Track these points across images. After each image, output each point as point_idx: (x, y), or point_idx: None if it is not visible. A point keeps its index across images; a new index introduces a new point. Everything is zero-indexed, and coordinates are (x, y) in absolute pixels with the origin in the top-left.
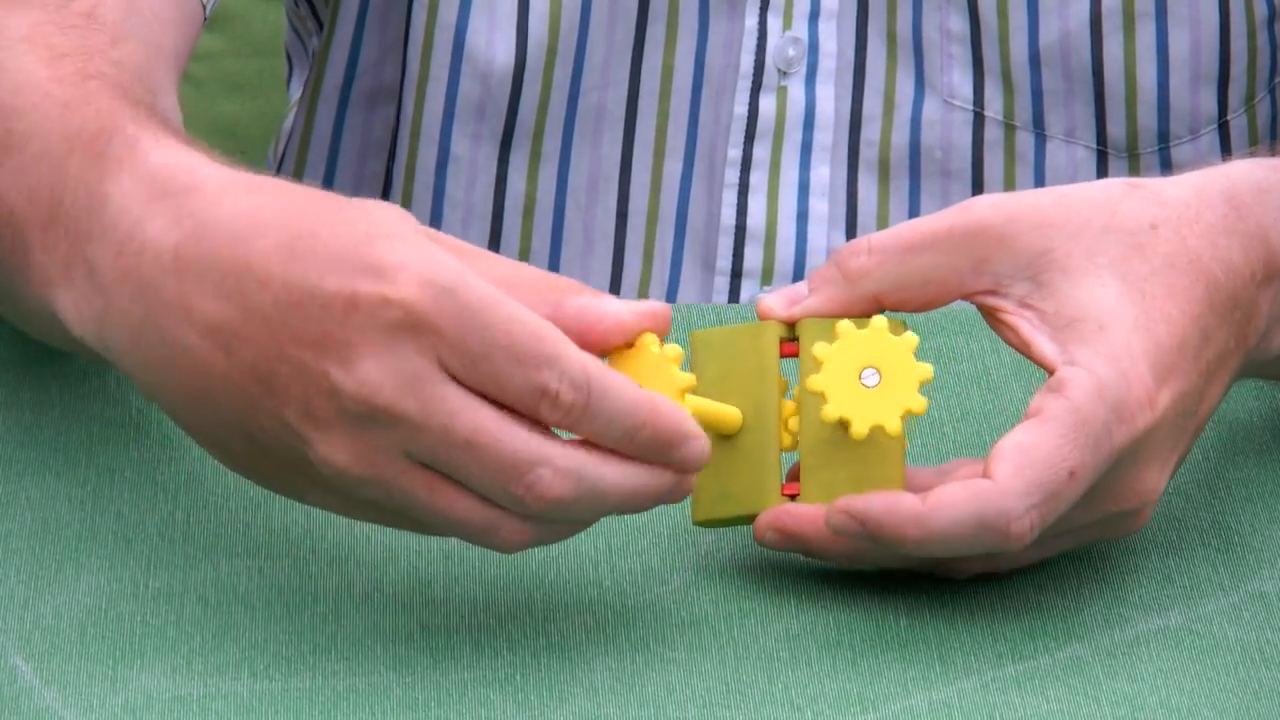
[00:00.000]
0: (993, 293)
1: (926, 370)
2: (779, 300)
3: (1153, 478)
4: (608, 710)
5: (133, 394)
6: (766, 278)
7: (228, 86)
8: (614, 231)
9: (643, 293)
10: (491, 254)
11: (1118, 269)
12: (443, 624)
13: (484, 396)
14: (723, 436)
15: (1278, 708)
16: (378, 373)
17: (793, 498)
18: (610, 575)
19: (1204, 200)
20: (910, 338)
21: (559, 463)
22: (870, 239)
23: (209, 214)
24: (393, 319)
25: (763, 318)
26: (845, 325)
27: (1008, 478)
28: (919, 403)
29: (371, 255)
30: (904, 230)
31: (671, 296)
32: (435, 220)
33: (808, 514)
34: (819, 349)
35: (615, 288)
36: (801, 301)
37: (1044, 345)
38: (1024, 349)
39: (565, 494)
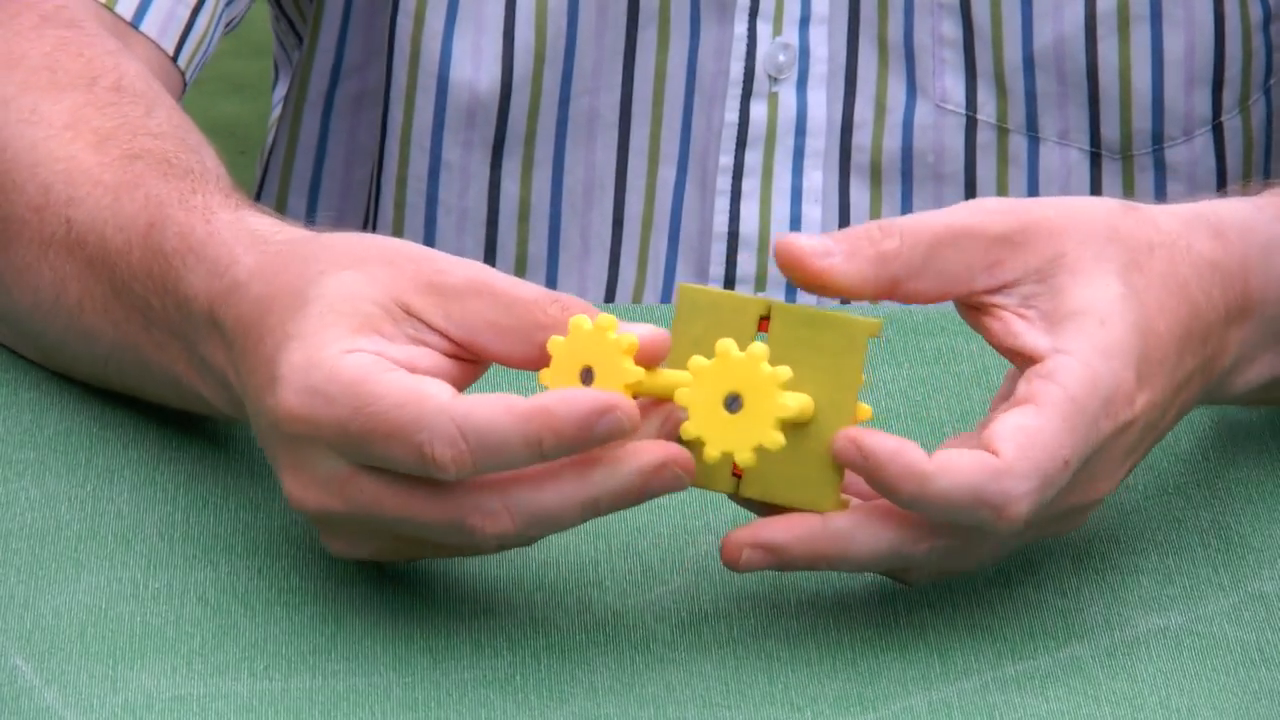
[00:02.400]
0: (998, 291)
1: (789, 409)
2: (810, 247)
3: (1113, 475)
4: (608, 710)
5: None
6: (760, 284)
7: (228, 86)
8: (610, 238)
9: (637, 300)
10: (486, 288)
11: (1122, 275)
12: (443, 624)
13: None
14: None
15: (1278, 708)
16: (298, 485)
17: (738, 478)
18: (610, 575)
19: (1193, 232)
20: (783, 371)
21: (486, 505)
22: (900, 225)
23: (240, 313)
24: (285, 433)
25: (789, 256)
26: (724, 345)
27: (1014, 459)
28: (774, 440)
29: (275, 362)
30: (928, 221)
31: (665, 303)
32: (429, 227)
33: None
34: (695, 362)
35: (610, 294)
36: (831, 258)
37: (1034, 337)
38: (1008, 339)
39: (506, 530)
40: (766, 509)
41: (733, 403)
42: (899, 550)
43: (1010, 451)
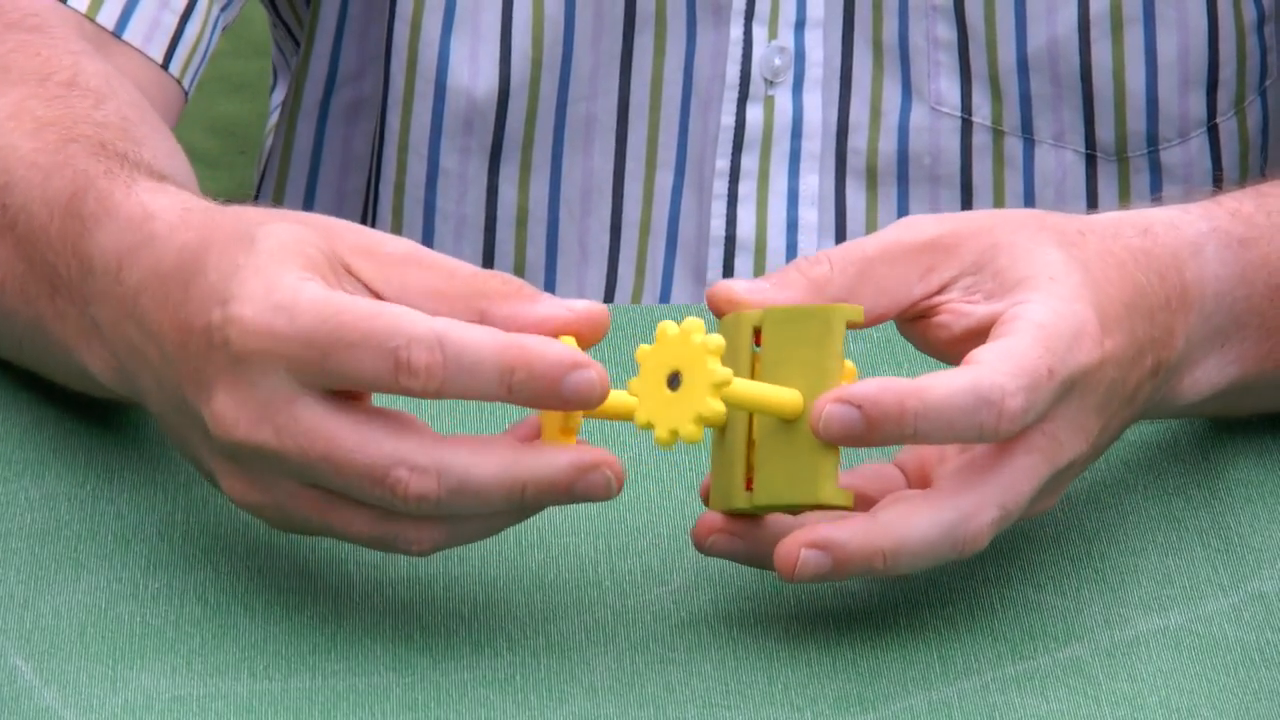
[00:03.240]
0: (938, 292)
1: (726, 374)
2: (741, 286)
3: (1090, 424)
4: (608, 710)
5: None
6: None
7: (228, 86)
8: (608, 243)
9: (635, 304)
10: (425, 259)
11: (1060, 246)
12: (443, 624)
13: (348, 398)
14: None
15: (1278, 708)
16: (231, 406)
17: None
18: (610, 575)
19: (1120, 227)
20: (713, 339)
21: (416, 459)
22: (828, 253)
23: (156, 263)
24: (235, 346)
25: (722, 298)
26: (663, 326)
27: (993, 361)
28: (711, 409)
29: (227, 287)
30: (856, 244)
31: (663, 305)
32: (428, 233)
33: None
34: (641, 351)
35: (609, 299)
36: (763, 292)
37: (989, 307)
38: (961, 325)
39: (429, 490)
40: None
41: (673, 380)
42: (950, 533)
43: (988, 357)
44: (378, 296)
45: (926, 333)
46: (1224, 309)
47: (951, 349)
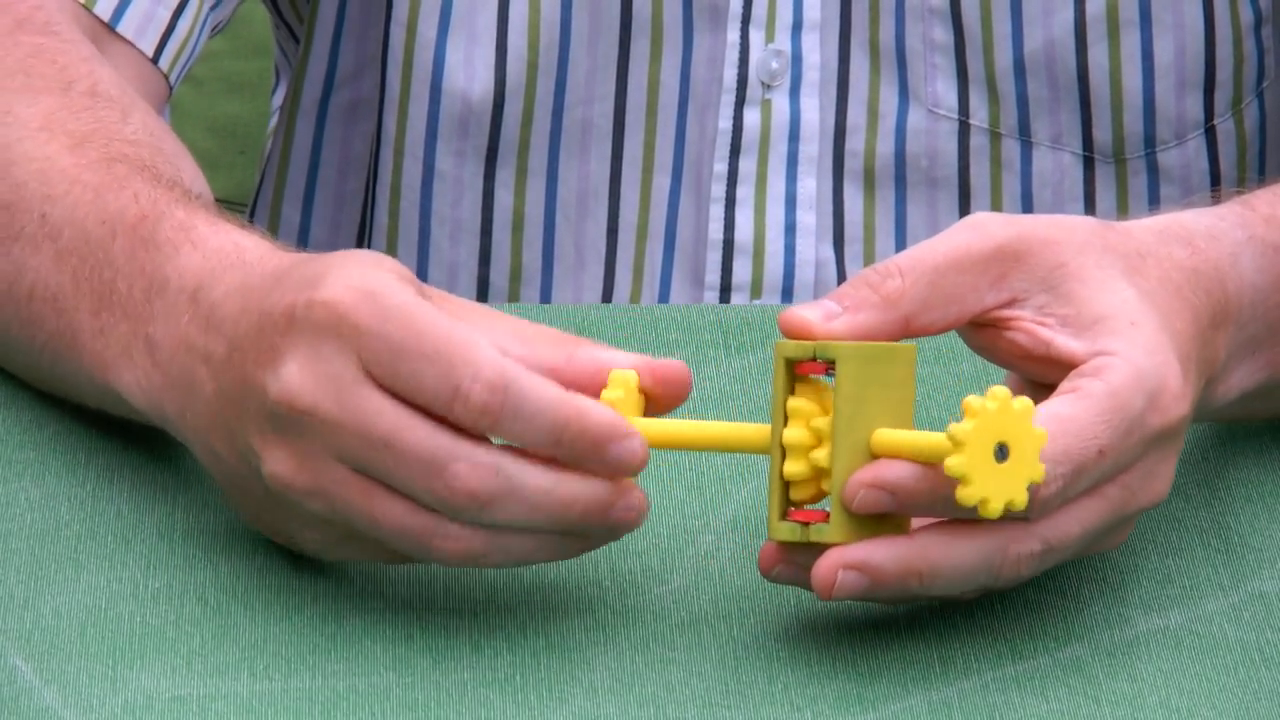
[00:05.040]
0: (1010, 305)
1: (1044, 435)
2: (816, 314)
3: (1168, 474)
4: (608, 710)
5: None
6: (756, 291)
7: (228, 86)
8: (605, 247)
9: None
10: (507, 316)
11: (1129, 279)
12: (443, 624)
13: (405, 401)
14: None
15: (1278, 708)
16: (299, 375)
17: (805, 524)
18: (610, 575)
19: (1167, 243)
20: (1028, 404)
21: (476, 457)
22: (898, 263)
23: (244, 280)
24: (318, 320)
25: (797, 330)
26: (974, 402)
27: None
28: (1039, 471)
29: (319, 277)
30: (926, 252)
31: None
32: (423, 236)
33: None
34: (955, 429)
35: (606, 303)
36: (839, 318)
37: (1068, 343)
38: (1040, 350)
39: (483, 488)
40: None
41: (1000, 452)
42: (988, 560)
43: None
44: None
45: (997, 343)
46: (1258, 317)
47: (1023, 366)
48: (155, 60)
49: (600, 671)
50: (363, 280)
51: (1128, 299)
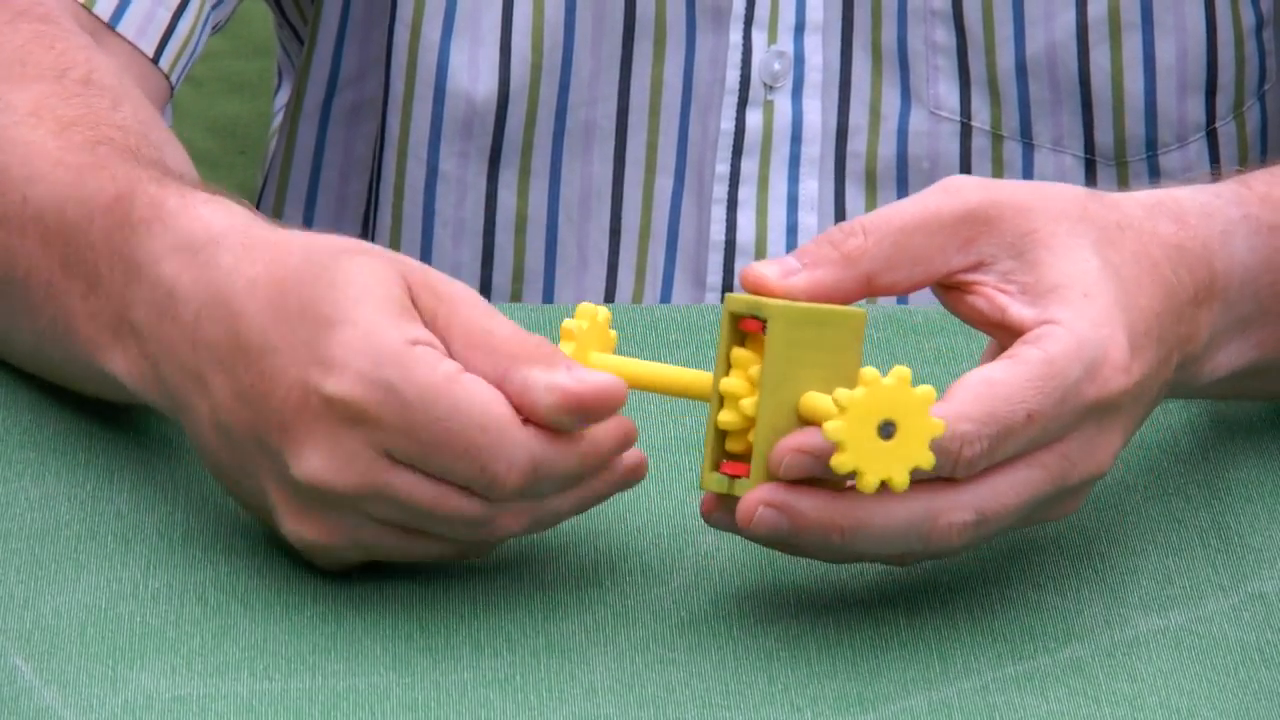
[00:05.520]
0: (975, 269)
1: (939, 426)
2: (773, 270)
3: (1110, 447)
4: (608, 710)
5: None
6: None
7: (228, 86)
8: (607, 248)
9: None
10: (473, 304)
11: (1097, 250)
12: (443, 624)
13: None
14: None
15: (1278, 708)
16: (325, 464)
17: (733, 478)
18: (610, 575)
19: (1156, 217)
20: (928, 391)
21: (516, 506)
22: (862, 221)
23: (222, 285)
24: (336, 414)
25: (753, 285)
26: (870, 373)
27: (966, 404)
28: (927, 459)
29: (324, 346)
30: (893, 212)
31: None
32: (426, 238)
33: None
34: (840, 395)
35: (609, 304)
36: (796, 274)
37: (1020, 310)
38: (995, 316)
39: (522, 527)
40: None
41: (885, 429)
42: (915, 526)
43: (963, 398)
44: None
45: (959, 306)
46: (1249, 296)
47: (983, 329)
48: (156, 60)
49: (600, 671)
50: (375, 369)
51: (1088, 270)
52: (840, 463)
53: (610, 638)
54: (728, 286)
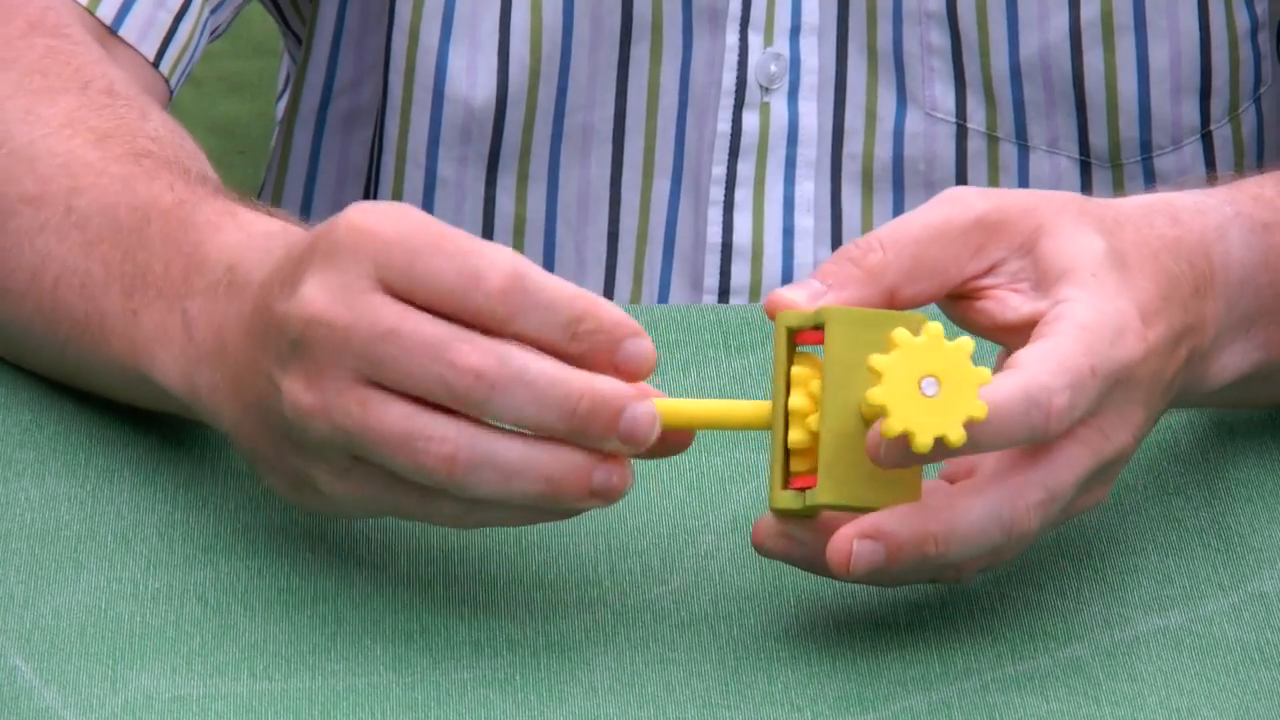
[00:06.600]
0: (987, 274)
1: (985, 373)
2: (801, 295)
3: (1135, 419)
4: (608, 710)
5: None
6: (754, 295)
7: (228, 86)
8: (605, 251)
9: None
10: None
11: (1101, 235)
12: (443, 624)
13: (421, 308)
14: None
15: (1278, 708)
16: (314, 289)
17: (802, 490)
18: (610, 575)
19: (1150, 215)
20: (966, 342)
21: (480, 341)
22: (879, 236)
23: (288, 251)
24: (339, 238)
25: (779, 310)
26: (902, 334)
27: (1037, 364)
28: (980, 409)
29: (335, 219)
30: (906, 225)
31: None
32: None
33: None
34: (876, 360)
35: None
36: (824, 296)
37: (1034, 304)
38: (1007, 316)
39: (486, 366)
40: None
41: (928, 385)
42: (998, 514)
43: (1032, 359)
44: None
45: (969, 314)
46: (1249, 294)
47: (995, 335)
48: (156, 64)
49: (600, 671)
50: (387, 205)
51: (1094, 251)
52: (889, 427)
53: (610, 638)
54: (724, 289)
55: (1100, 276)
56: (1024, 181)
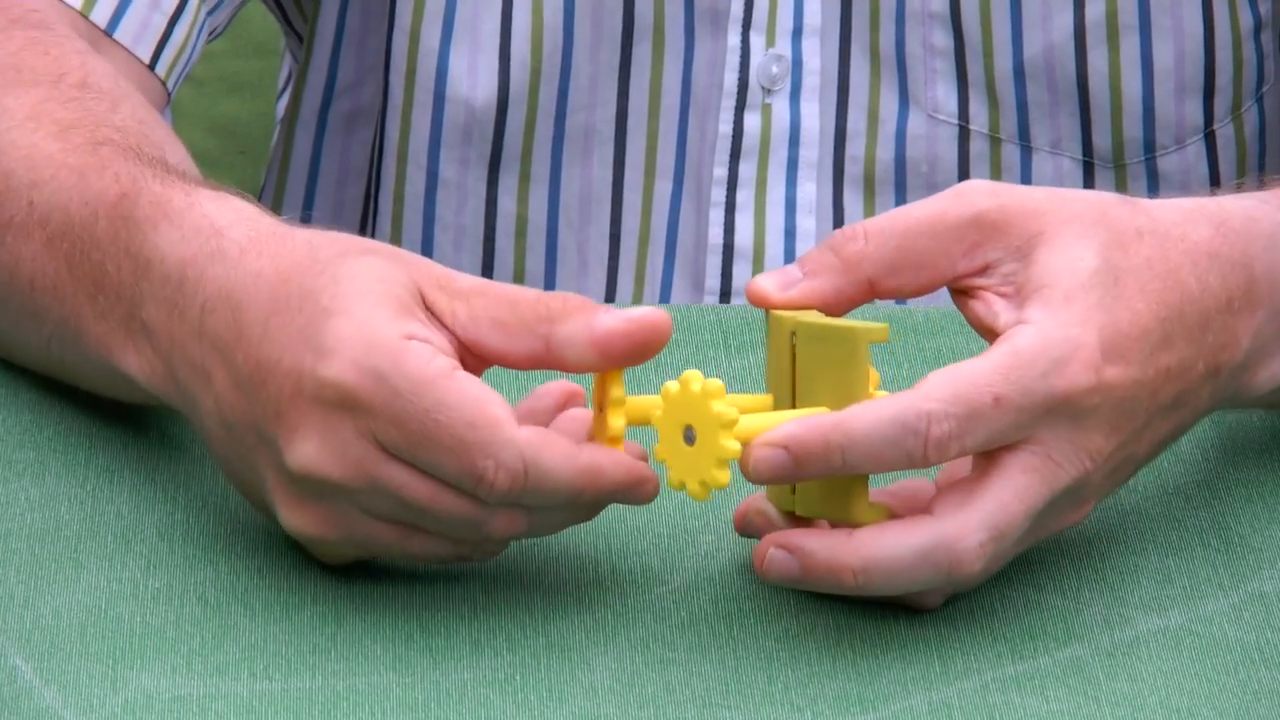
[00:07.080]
0: (981, 273)
1: (732, 413)
2: (773, 282)
3: (1093, 443)
4: (608, 710)
5: None
6: None
7: (228, 86)
8: (607, 252)
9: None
10: (491, 289)
11: (1101, 252)
12: (443, 624)
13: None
14: None
15: (1278, 708)
16: (318, 452)
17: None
18: (610, 575)
19: (1191, 222)
20: (712, 384)
21: (513, 512)
22: (865, 225)
23: (227, 278)
24: (328, 400)
25: (756, 299)
26: (668, 386)
27: (932, 387)
28: (730, 450)
29: (319, 334)
30: (898, 216)
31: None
32: (427, 243)
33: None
34: (654, 417)
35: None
36: (797, 284)
37: (1006, 315)
38: (988, 320)
39: (515, 532)
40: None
41: (688, 435)
42: (928, 556)
43: (930, 383)
44: (448, 328)
45: (964, 311)
46: None
47: (984, 336)
48: (152, 67)
49: (600, 671)
50: (367, 357)
51: (1080, 269)
52: (671, 481)
53: (610, 638)
54: (726, 290)
55: (1072, 299)
56: (1027, 183)
